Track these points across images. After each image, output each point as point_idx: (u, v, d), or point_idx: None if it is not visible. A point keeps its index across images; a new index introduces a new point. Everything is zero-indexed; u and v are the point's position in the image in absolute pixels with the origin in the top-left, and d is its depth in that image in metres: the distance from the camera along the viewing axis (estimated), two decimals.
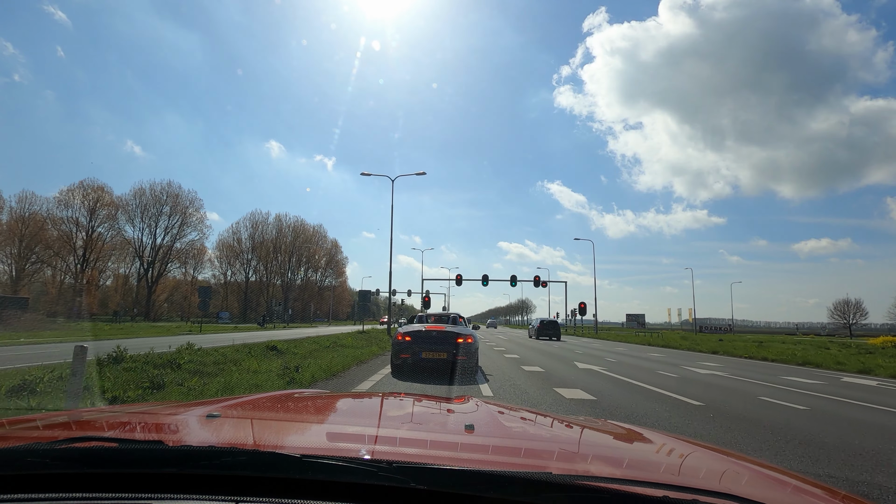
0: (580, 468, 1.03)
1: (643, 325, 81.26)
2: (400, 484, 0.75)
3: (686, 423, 5.85)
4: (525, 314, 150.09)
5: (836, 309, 78.13)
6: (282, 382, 7.42)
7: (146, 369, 7.41)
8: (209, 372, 8.14)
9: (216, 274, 79.85)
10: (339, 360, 10.85)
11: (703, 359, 18.25)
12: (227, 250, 79.38)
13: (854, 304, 77.74)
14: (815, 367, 15.66)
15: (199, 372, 7.88)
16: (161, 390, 6.25)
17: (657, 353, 20.89)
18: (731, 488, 0.92)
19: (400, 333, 9.69)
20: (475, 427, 1.42)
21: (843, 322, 78.30)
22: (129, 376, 6.76)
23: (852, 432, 5.64)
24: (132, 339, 20.74)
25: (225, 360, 9.45)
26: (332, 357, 11.67)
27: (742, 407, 7.10)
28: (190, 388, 6.41)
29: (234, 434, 1.20)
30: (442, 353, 9.17)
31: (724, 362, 16.61)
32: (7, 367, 8.42)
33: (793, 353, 19.65)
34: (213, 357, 9.71)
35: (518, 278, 46.67)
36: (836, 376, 12.82)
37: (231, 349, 11.97)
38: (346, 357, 11.92)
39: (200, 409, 1.38)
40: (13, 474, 0.80)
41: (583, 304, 46.41)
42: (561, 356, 16.86)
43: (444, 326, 9.92)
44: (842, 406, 7.66)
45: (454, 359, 9.13)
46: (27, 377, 6.03)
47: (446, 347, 9.20)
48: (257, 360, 9.80)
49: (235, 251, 79.72)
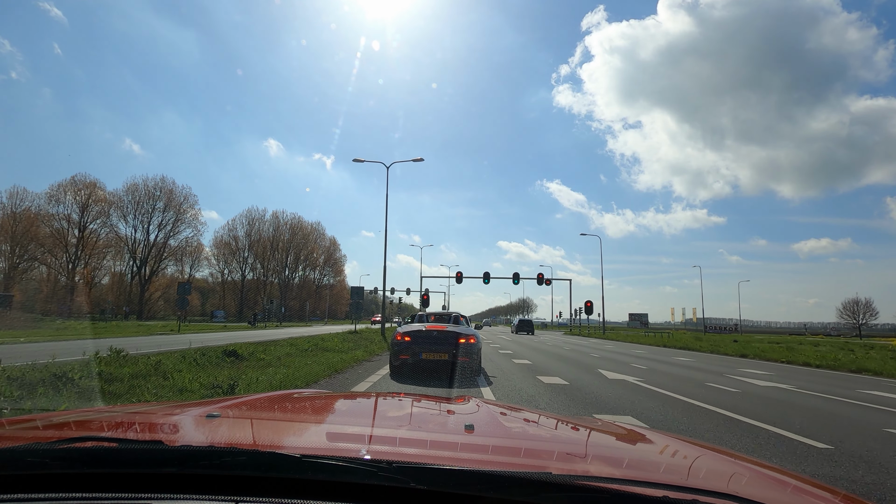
0: (580, 468, 1.03)
1: (646, 324, 79.35)
2: (400, 484, 0.75)
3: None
4: (526, 314, 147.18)
5: (846, 309, 75.71)
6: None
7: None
8: (114, 391, 5.74)
9: (213, 272, 78.18)
10: (305, 371, 8.54)
11: (741, 364, 15.86)
12: (224, 248, 77.18)
13: (864, 303, 75.30)
14: (875, 375, 13.33)
15: (87, 394, 5.45)
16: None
17: (684, 358, 18.45)
18: (731, 488, 0.90)
19: (399, 334, 9.18)
20: (475, 427, 1.41)
21: (852, 322, 75.88)
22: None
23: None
24: (96, 339, 18.32)
25: (148, 373, 7.06)
26: (302, 366, 9.37)
27: (890, 453, 4.65)
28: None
29: (234, 434, 1.20)
30: (443, 354, 8.75)
31: (769, 369, 14.21)
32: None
33: (834, 358, 17.25)
34: (133, 368, 7.32)
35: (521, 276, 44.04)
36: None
37: (175, 356, 9.58)
38: (320, 366, 9.58)
39: (200, 409, 1.38)
40: (13, 474, 0.80)
41: (589, 302, 43.96)
42: (579, 362, 14.45)
43: (445, 326, 9.41)
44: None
45: (456, 360, 8.69)
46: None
47: (447, 348, 8.77)
48: (193, 372, 7.44)
49: (232, 248, 77.47)
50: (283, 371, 8.50)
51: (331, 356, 11.65)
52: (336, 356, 11.68)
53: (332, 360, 10.63)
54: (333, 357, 11.46)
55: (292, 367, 9.16)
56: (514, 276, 44.27)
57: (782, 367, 15.41)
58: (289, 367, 9.04)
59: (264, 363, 9.73)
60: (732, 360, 18.05)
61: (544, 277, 44.64)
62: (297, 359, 10.79)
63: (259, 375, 7.65)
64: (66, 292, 54.71)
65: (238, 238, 77.80)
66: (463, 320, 11.26)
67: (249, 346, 12.91)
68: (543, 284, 44.96)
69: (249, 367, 8.97)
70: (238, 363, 9.39)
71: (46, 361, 7.07)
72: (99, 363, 7.27)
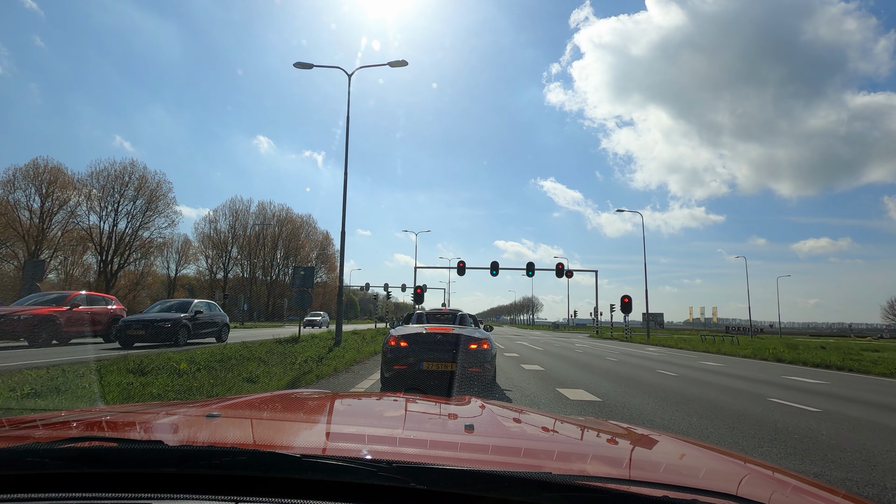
0: (580, 468, 1.03)
1: (661, 324, 72.64)
2: (400, 484, 0.75)
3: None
4: (531, 313, 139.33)
5: (892, 308, 68.62)
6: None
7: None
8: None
9: (201, 269, 74.83)
10: None
11: (869, 385, 11.22)
12: (205, 240, 70.61)
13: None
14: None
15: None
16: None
17: (812, 379, 11.49)
18: (731, 488, 0.90)
19: (393, 337, 7.57)
20: (475, 427, 1.43)
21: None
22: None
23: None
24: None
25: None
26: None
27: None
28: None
29: (234, 434, 1.20)
30: (449, 364, 7.16)
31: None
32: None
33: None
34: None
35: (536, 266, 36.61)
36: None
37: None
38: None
39: (200, 409, 1.39)
40: (13, 474, 0.81)
41: (627, 297, 36.45)
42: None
43: (450, 328, 7.82)
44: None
45: (465, 371, 7.24)
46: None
47: (455, 356, 7.21)
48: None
49: (214, 241, 70.67)
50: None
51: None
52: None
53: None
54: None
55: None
56: (528, 267, 37.42)
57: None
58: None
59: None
60: (841, 375, 13.55)
61: (564, 269, 37.21)
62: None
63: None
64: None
65: (220, 231, 71.06)
66: (470, 320, 9.45)
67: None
68: (565, 277, 37.42)
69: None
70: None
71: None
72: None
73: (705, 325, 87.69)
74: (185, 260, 70.96)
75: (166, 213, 61.07)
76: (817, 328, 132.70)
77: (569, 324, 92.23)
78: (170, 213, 61.45)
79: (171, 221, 62.16)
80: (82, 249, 57.86)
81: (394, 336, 7.62)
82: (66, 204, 55.91)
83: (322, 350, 13.49)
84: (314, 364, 10.15)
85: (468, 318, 9.44)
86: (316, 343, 16.20)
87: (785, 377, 12.82)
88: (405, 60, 17.99)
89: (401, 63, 18.32)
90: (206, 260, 73.66)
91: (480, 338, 7.58)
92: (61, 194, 55.35)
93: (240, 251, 75.09)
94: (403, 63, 18.28)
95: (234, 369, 8.51)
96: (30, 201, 53.75)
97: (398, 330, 8.03)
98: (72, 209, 56.36)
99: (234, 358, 10.05)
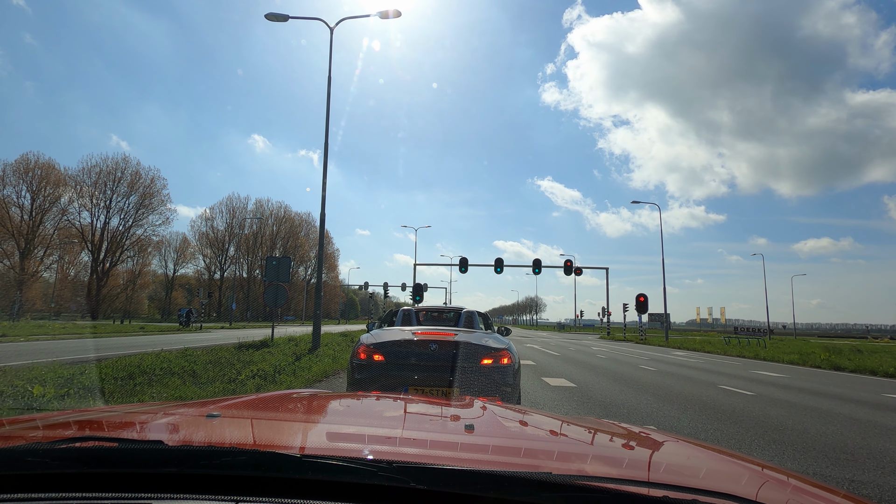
0: (580, 468, 1.02)
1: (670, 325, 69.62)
2: (400, 484, 0.74)
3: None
4: (534, 313, 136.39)
5: None
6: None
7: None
8: None
9: (199, 268, 73.58)
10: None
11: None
12: (202, 239, 68.45)
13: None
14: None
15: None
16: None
17: None
18: (731, 488, 0.90)
19: (363, 347, 4.81)
20: (475, 427, 1.41)
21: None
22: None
23: None
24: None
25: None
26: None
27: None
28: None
29: (234, 434, 1.19)
30: (448, 390, 4.49)
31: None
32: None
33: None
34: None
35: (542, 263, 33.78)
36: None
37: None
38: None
39: (200, 409, 1.38)
40: (13, 474, 0.80)
41: (642, 296, 33.66)
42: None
43: (451, 332, 5.02)
44: None
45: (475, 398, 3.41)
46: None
47: (458, 375, 4.48)
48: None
49: (210, 240, 68.35)
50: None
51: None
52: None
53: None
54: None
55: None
56: (535, 264, 35.03)
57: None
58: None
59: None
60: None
61: (573, 266, 34.38)
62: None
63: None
64: (16, 288, 49.80)
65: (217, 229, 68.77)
66: (479, 320, 6.33)
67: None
68: (573, 274, 34.61)
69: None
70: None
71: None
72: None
73: (713, 325, 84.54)
74: (184, 259, 70.30)
75: (160, 210, 58.95)
76: (821, 329, 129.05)
77: (575, 324, 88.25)
78: (164, 210, 59.29)
79: (165, 219, 60.04)
80: (80, 246, 55.70)
81: (365, 345, 4.84)
82: (57, 201, 54.09)
83: (289, 358, 10.81)
84: (263, 379, 7.42)
85: (476, 317, 6.42)
86: (288, 348, 13.70)
87: (887, 395, 10.00)
88: (399, 10, 15.46)
89: (394, 13, 15.86)
90: (203, 259, 71.76)
91: (497, 347, 4.86)
92: (53, 191, 54.32)
93: (237, 249, 73.91)
94: (397, 14, 15.83)
95: (137, 390, 5.82)
96: (20, 198, 52.33)
97: (374, 335, 5.15)
98: (63, 206, 54.30)
99: (156, 371, 7.32)
